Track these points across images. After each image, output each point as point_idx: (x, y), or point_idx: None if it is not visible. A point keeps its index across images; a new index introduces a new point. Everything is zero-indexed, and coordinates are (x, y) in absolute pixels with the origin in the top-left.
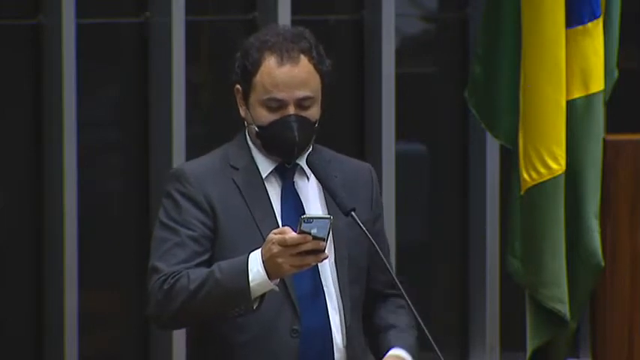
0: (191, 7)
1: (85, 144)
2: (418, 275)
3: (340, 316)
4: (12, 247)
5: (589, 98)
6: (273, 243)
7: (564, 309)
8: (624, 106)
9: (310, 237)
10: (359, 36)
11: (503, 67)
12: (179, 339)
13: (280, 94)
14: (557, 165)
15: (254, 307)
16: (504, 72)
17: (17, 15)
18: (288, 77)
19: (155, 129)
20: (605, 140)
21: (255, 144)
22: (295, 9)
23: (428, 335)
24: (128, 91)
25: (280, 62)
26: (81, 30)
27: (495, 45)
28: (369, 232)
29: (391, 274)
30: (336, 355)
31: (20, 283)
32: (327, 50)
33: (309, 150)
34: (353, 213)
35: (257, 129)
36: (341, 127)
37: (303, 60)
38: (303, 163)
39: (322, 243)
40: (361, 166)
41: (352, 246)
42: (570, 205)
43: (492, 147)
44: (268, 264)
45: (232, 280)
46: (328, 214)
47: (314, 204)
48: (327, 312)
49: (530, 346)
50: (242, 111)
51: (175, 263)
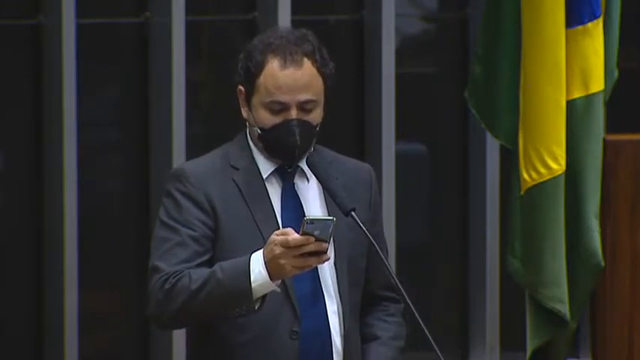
0: (191, 7)
1: (85, 144)
2: (418, 275)
3: (339, 318)
4: (12, 247)
5: (589, 98)
6: (275, 244)
7: (564, 309)
8: (624, 106)
9: (313, 238)
10: (359, 36)
11: (503, 67)
12: (179, 339)
13: (283, 97)
14: (557, 165)
15: (255, 308)
16: (504, 72)
17: (17, 15)
18: (291, 80)
19: (155, 129)
20: (605, 140)
21: (256, 145)
22: (295, 9)
23: (428, 335)
24: (128, 91)
25: (283, 65)
26: (81, 30)
27: (495, 45)
28: (369, 233)
29: (391, 275)
30: (335, 357)
31: (20, 283)
32: (327, 50)
33: (309, 151)
34: (353, 213)
35: (259, 131)
36: (341, 127)
37: (306, 63)
38: (303, 165)
39: (325, 244)
40: (361, 167)
41: (352, 248)
42: (570, 205)
43: (492, 147)
44: (270, 265)
45: (234, 281)
46: (329, 216)
47: (314, 205)
48: (327, 314)
49: (530, 346)
50: (244, 112)
51: (176, 263)
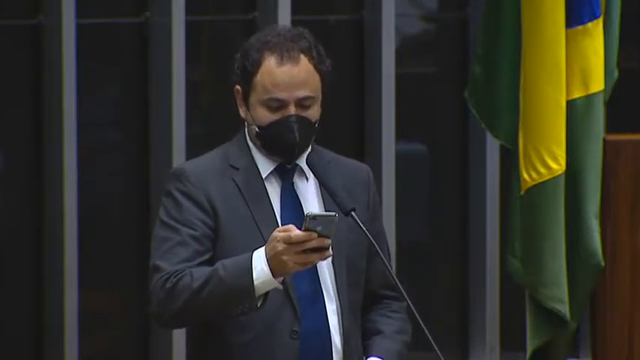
0: (191, 7)
1: (85, 144)
2: (418, 275)
3: (338, 318)
4: (12, 247)
5: (589, 98)
6: (277, 241)
7: (564, 309)
8: (624, 106)
9: (315, 234)
10: (359, 36)
11: (503, 67)
12: (179, 339)
13: (281, 94)
14: (557, 165)
15: (258, 305)
16: (504, 72)
17: (17, 15)
18: (288, 77)
19: (155, 129)
20: (605, 140)
21: (255, 144)
22: (295, 9)
23: (428, 335)
24: (128, 91)
25: (280, 62)
26: (81, 30)
27: (495, 45)
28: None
29: (391, 275)
30: (335, 356)
31: (20, 283)
32: (327, 50)
33: (308, 151)
34: (353, 213)
35: (257, 129)
36: (341, 127)
37: (303, 60)
38: (302, 164)
39: (327, 240)
40: (359, 167)
41: (351, 248)
42: (570, 205)
43: (492, 147)
44: (272, 262)
45: (236, 278)
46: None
47: (313, 204)
48: (326, 313)
49: (530, 346)
50: (242, 112)
51: (177, 262)
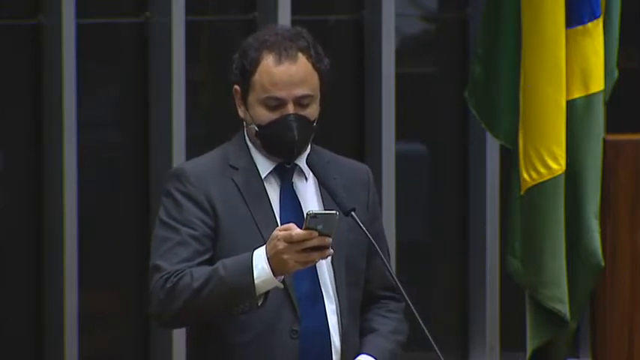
0: (191, 7)
1: (85, 144)
2: (418, 275)
3: (338, 318)
4: (12, 247)
5: (589, 98)
6: (278, 239)
7: (564, 309)
8: (624, 106)
9: (316, 233)
10: (359, 36)
11: (503, 67)
12: (179, 339)
13: (279, 93)
14: (557, 165)
15: (258, 304)
16: (504, 72)
17: (17, 15)
18: (286, 76)
19: (155, 129)
20: (605, 140)
21: (254, 144)
22: (295, 9)
23: (428, 335)
24: (128, 91)
25: (278, 61)
26: (81, 30)
27: (495, 45)
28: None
29: (391, 275)
30: (334, 356)
31: (20, 283)
32: (327, 50)
33: (307, 150)
34: (353, 213)
35: (256, 128)
36: (341, 127)
37: (301, 58)
38: (301, 164)
39: (328, 239)
40: (358, 167)
41: (350, 248)
42: (570, 205)
43: (492, 147)
44: (273, 260)
45: (237, 278)
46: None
47: (312, 204)
48: (326, 313)
49: (530, 346)
50: (241, 111)
51: (177, 262)
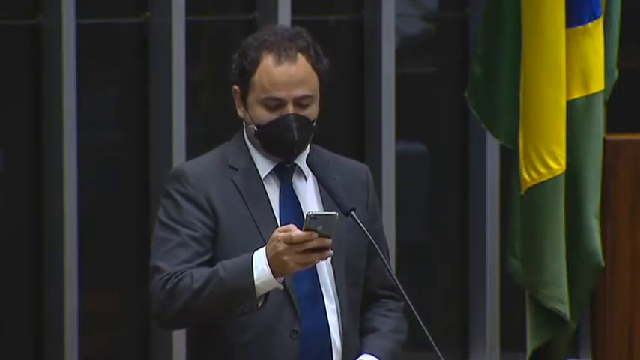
0: (191, 7)
1: (85, 144)
2: (418, 275)
3: (338, 317)
4: (12, 247)
5: (589, 98)
6: (278, 240)
7: (564, 309)
8: (624, 106)
9: (316, 234)
10: (359, 36)
11: (503, 67)
12: (179, 339)
13: (279, 93)
14: (557, 165)
15: (258, 305)
16: (504, 72)
17: (17, 15)
18: (286, 76)
19: (155, 129)
20: (605, 140)
21: (253, 144)
22: (295, 9)
23: (428, 335)
24: (128, 91)
25: (278, 61)
26: (81, 30)
27: (495, 45)
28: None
29: (391, 275)
30: (335, 356)
31: (20, 283)
32: (327, 50)
33: (307, 151)
34: (353, 213)
35: (256, 128)
36: (341, 127)
37: (300, 59)
38: (300, 164)
39: (327, 240)
40: (358, 167)
41: (350, 248)
42: (570, 205)
43: (492, 147)
44: (273, 262)
45: (237, 279)
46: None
47: (311, 205)
48: (326, 313)
49: (530, 346)
50: (240, 111)
51: (177, 263)
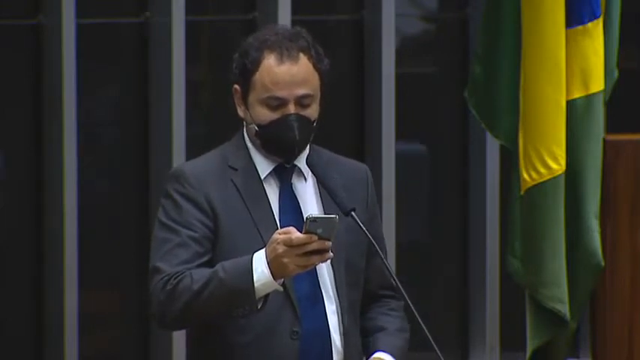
0: (191, 7)
1: (85, 144)
2: (418, 275)
3: (338, 318)
4: (12, 247)
5: (589, 98)
6: (278, 243)
7: (564, 309)
8: (624, 106)
9: (316, 237)
10: (359, 36)
11: (503, 67)
12: (179, 339)
13: (280, 93)
14: (557, 165)
15: (258, 307)
16: (504, 72)
17: (17, 15)
18: (288, 75)
19: (155, 129)
20: (605, 140)
21: (254, 144)
22: (295, 9)
23: (428, 335)
24: (128, 91)
25: (280, 60)
26: (81, 30)
27: (495, 45)
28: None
29: (391, 275)
30: (335, 357)
31: (20, 283)
32: (327, 50)
33: (307, 151)
34: (353, 213)
35: (257, 128)
36: (341, 127)
37: (302, 58)
38: (300, 164)
39: (327, 243)
40: (357, 167)
41: (350, 248)
42: (570, 205)
43: (492, 147)
44: (273, 264)
45: (237, 280)
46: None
47: (311, 205)
48: (326, 314)
49: (530, 346)
50: (240, 111)
51: (177, 264)
